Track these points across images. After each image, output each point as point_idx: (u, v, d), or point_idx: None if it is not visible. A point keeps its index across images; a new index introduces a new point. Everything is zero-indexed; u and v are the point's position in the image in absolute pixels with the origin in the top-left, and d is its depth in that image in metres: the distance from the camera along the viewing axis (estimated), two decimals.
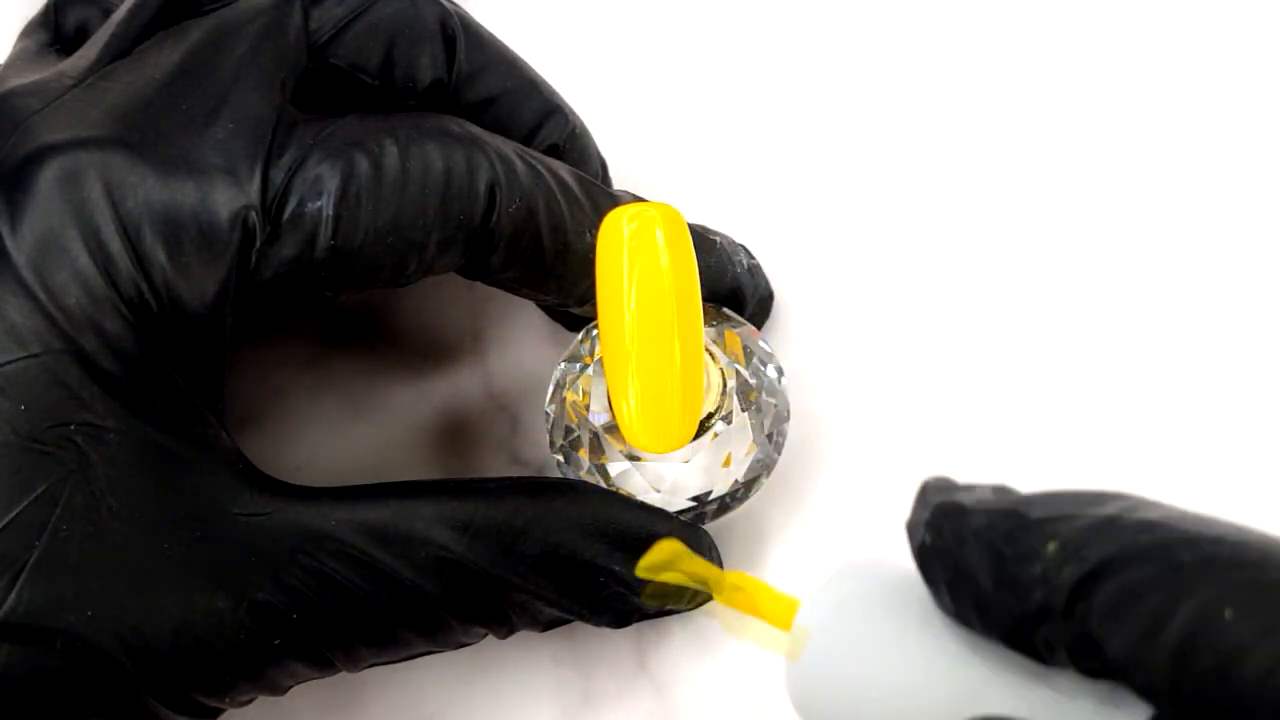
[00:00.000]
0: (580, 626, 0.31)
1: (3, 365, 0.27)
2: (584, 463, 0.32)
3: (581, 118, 0.33)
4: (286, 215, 0.28)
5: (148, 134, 0.28)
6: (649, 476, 0.32)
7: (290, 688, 0.29)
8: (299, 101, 0.30)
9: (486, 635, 0.30)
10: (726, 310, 0.34)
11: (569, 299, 0.32)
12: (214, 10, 0.30)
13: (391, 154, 0.29)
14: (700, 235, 0.34)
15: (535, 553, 0.29)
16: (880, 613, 0.24)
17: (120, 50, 0.29)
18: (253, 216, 0.28)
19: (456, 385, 0.36)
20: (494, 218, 0.30)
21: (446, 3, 0.31)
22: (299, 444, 0.35)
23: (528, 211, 0.30)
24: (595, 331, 0.33)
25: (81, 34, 0.31)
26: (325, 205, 0.28)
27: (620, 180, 0.35)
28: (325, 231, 0.28)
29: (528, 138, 0.32)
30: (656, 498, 0.32)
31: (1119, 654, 0.20)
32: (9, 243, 0.27)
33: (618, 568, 0.30)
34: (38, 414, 0.27)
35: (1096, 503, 0.21)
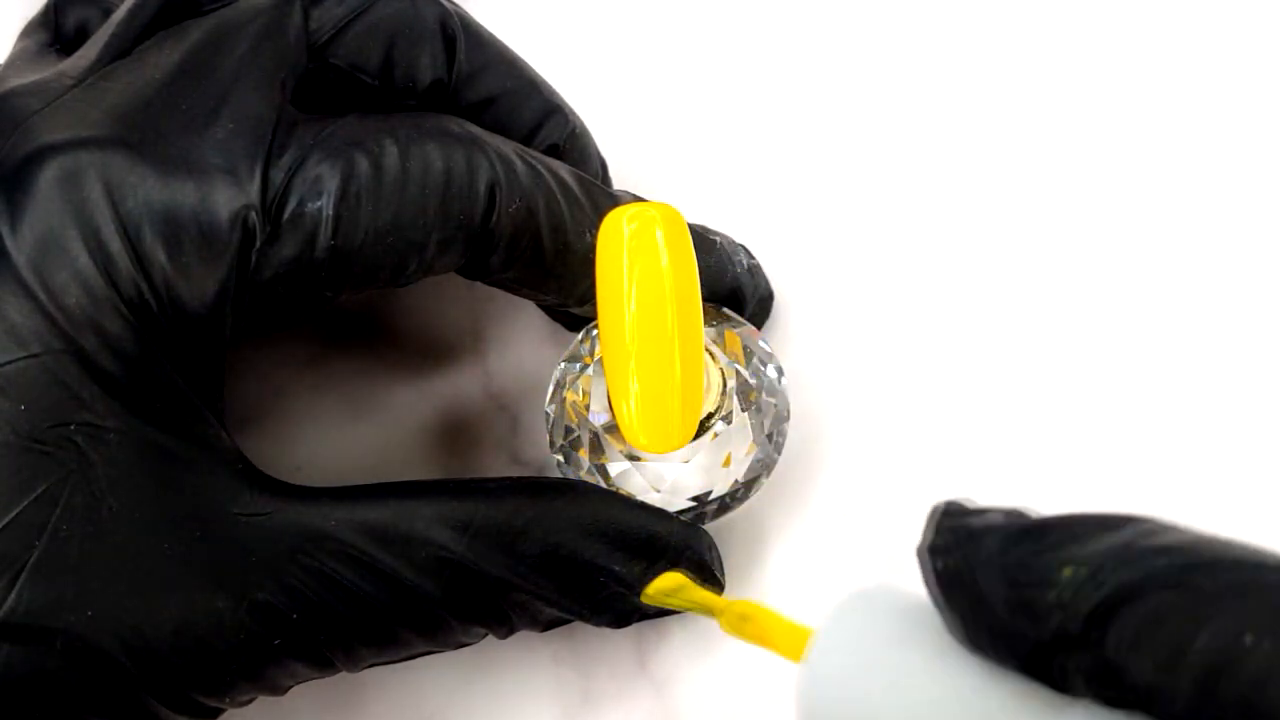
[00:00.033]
0: (580, 626, 0.31)
1: (3, 365, 0.27)
2: (584, 463, 0.32)
3: (581, 118, 0.33)
4: (286, 215, 0.28)
5: (148, 134, 0.28)
6: (649, 476, 0.32)
7: (290, 688, 0.29)
8: (299, 101, 0.30)
9: (486, 635, 0.30)
10: (726, 310, 0.34)
11: (569, 299, 0.32)
12: (214, 10, 0.30)
13: (391, 154, 0.29)
14: (700, 235, 0.34)
15: (535, 553, 0.29)
16: (893, 641, 0.23)
17: (120, 50, 0.29)
18: (253, 216, 0.28)
19: (456, 385, 0.36)
20: (494, 218, 0.30)
21: (446, 3, 0.31)
22: (299, 444, 0.35)
23: (528, 211, 0.30)
24: (595, 331, 0.33)
25: (81, 34, 0.31)
26: (325, 205, 0.28)
27: (620, 180, 0.35)
28: (325, 231, 0.28)
29: (528, 138, 0.32)
30: (656, 498, 0.32)
31: (1139, 682, 0.19)
32: (9, 243, 0.27)
33: (618, 568, 0.30)
34: (38, 414, 0.27)
35: (1113, 526, 0.21)
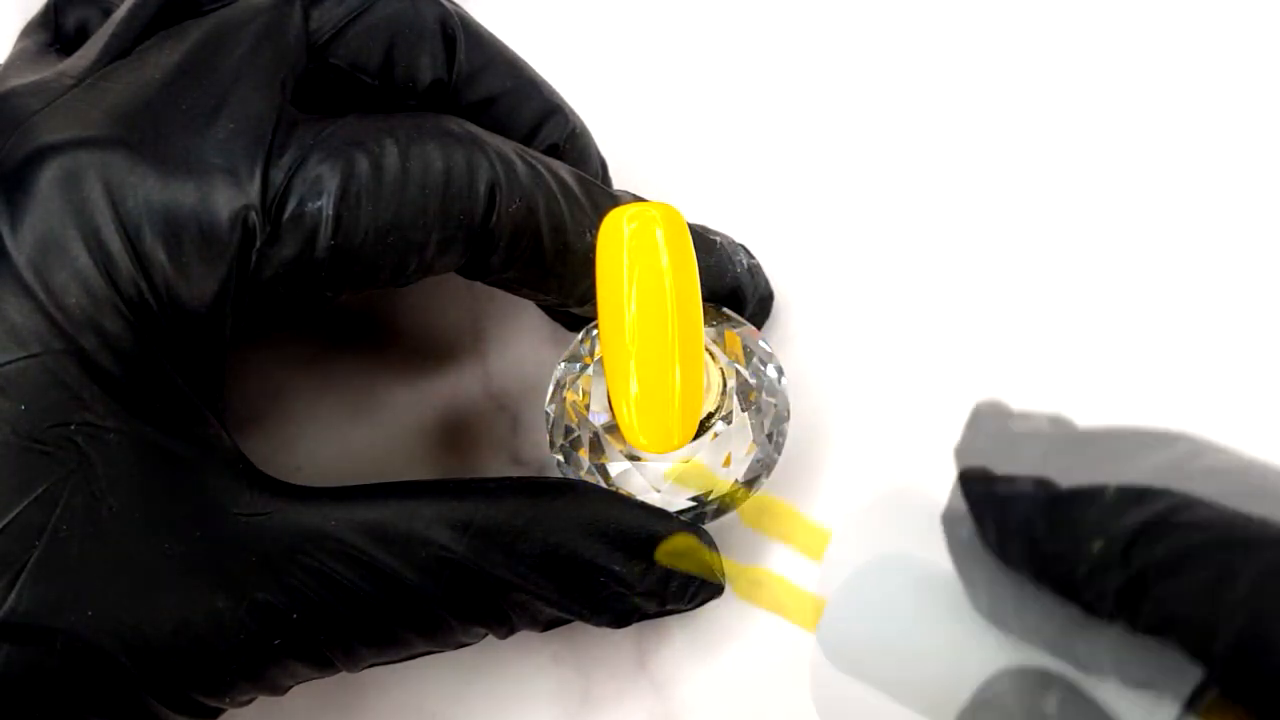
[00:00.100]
0: (580, 626, 0.31)
1: (3, 365, 0.27)
2: (584, 463, 0.32)
3: (581, 118, 0.33)
4: (287, 215, 0.28)
5: (148, 134, 0.28)
6: (649, 476, 0.32)
7: (290, 688, 0.29)
8: (299, 101, 0.30)
9: (486, 635, 0.30)
10: (726, 310, 0.34)
11: (569, 299, 0.32)
12: (214, 10, 0.30)
13: (391, 154, 0.29)
14: (700, 235, 0.34)
15: (535, 553, 0.29)
16: (916, 544, 0.23)
17: (120, 50, 0.29)
18: (253, 216, 0.28)
19: (456, 385, 0.36)
20: (494, 218, 0.30)
21: (446, 3, 0.31)
22: (299, 444, 0.35)
23: (528, 211, 0.30)
24: (595, 331, 0.33)
25: (81, 34, 0.31)
26: (325, 205, 0.28)
27: (620, 180, 0.35)
28: (325, 231, 0.28)
29: (528, 138, 0.32)
30: (656, 498, 0.32)
31: (1175, 612, 0.18)
32: (9, 243, 0.27)
33: (618, 568, 0.30)
34: (38, 414, 0.27)
35: (1159, 444, 0.20)
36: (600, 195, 0.32)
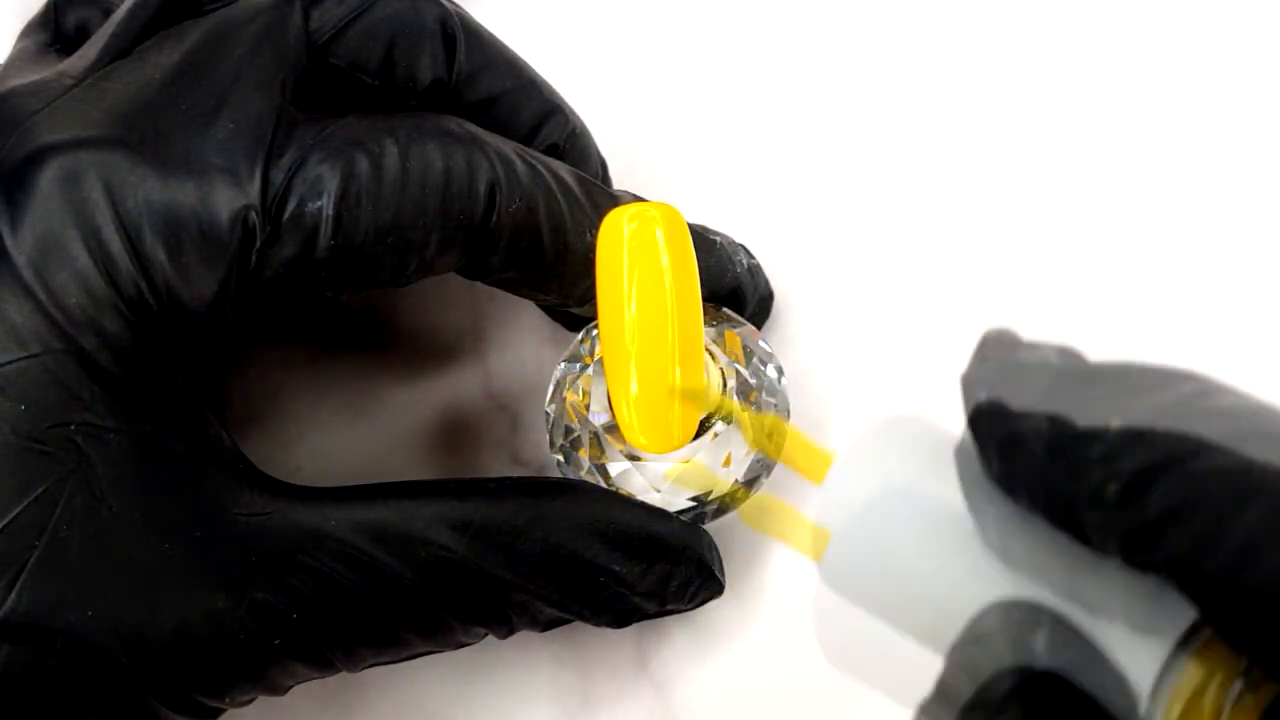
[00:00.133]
0: (580, 627, 0.31)
1: (3, 365, 0.27)
2: (584, 463, 0.32)
3: (581, 118, 0.33)
4: (287, 215, 0.28)
5: (148, 134, 0.28)
6: (649, 476, 0.32)
7: (290, 688, 0.29)
8: (299, 101, 0.30)
9: (486, 635, 0.30)
10: (726, 310, 0.34)
11: (569, 299, 0.32)
12: (214, 10, 0.30)
13: (391, 154, 0.29)
14: (700, 235, 0.34)
15: (535, 553, 0.29)
16: (920, 472, 0.22)
17: (120, 50, 0.29)
18: (253, 216, 0.28)
19: (456, 385, 0.36)
20: (494, 217, 0.30)
21: (446, 3, 0.31)
22: (299, 444, 0.35)
23: (528, 211, 0.30)
24: (595, 331, 0.33)
25: (81, 34, 0.31)
26: (325, 205, 0.28)
27: (620, 180, 0.35)
28: (325, 231, 0.28)
29: (528, 138, 0.32)
30: (656, 498, 0.32)
31: (1174, 552, 0.18)
32: (9, 243, 0.27)
33: (618, 568, 0.30)
34: (38, 414, 0.27)
35: (1167, 383, 0.20)
36: (600, 195, 0.32)
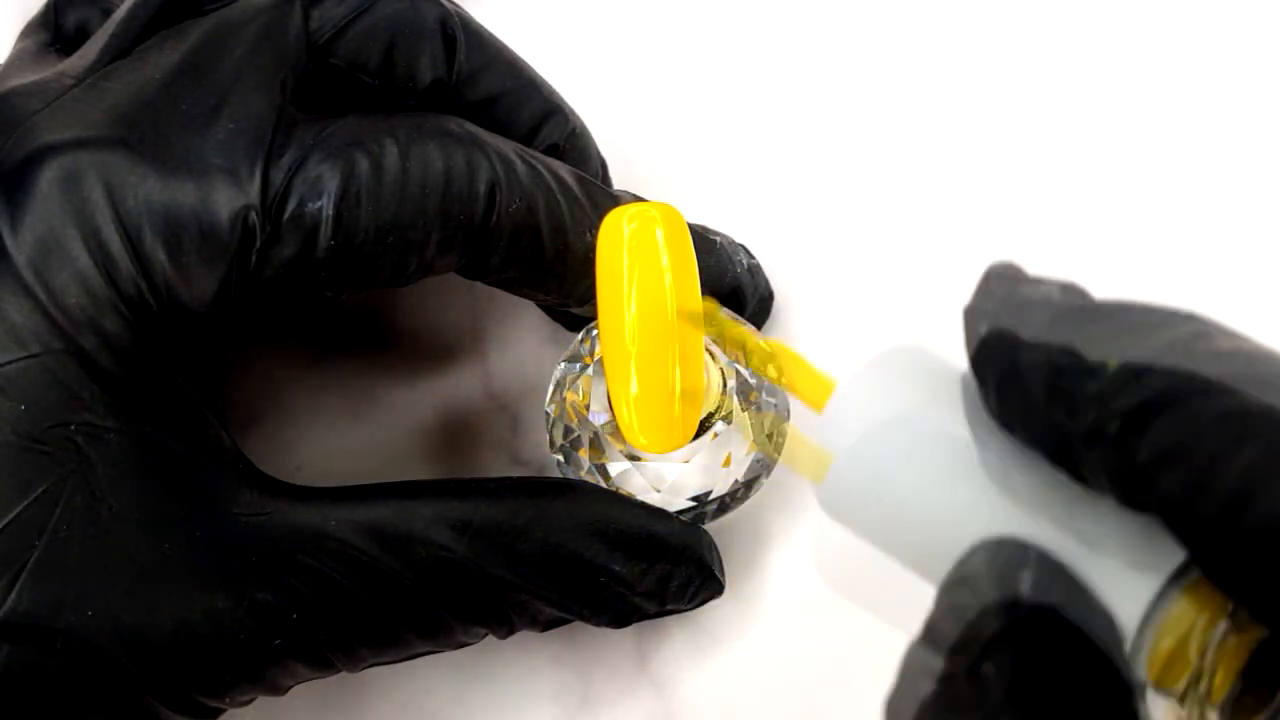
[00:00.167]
0: (580, 627, 0.31)
1: (3, 365, 0.27)
2: (584, 463, 0.32)
3: (581, 118, 0.33)
4: (287, 215, 0.28)
5: (148, 134, 0.28)
6: (649, 476, 0.32)
7: (290, 688, 0.29)
8: (299, 101, 0.30)
9: (486, 635, 0.30)
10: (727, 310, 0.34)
11: (569, 299, 0.32)
12: (214, 10, 0.30)
13: (391, 154, 0.29)
14: (700, 235, 0.34)
15: (535, 553, 0.29)
16: (921, 401, 0.22)
17: (120, 50, 0.29)
18: (253, 216, 0.28)
19: (456, 385, 0.36)
20: (494, 217, 0.30)
21: (446, 3, 0.31)
22: (299, 444, 0.35)
23: (528, 211, 0.30)
24: (595, 331, 0.33)
25: (81, 34, 0.31)
26: (325, 205, 0.28)
27: (620, 180, 0.35)
28: (326, 231, 0.28)
29: (528, 138, 0.32)
30: (656, 498, 0.32)
31: (1166, 494, 0.18)
32: (9, 243, 0.27)
33: (618, 568, 0.30)
34: (38, 414, 0.27)
35: (1168, 323, 0.20)
36: (600, 195, 0.32)
